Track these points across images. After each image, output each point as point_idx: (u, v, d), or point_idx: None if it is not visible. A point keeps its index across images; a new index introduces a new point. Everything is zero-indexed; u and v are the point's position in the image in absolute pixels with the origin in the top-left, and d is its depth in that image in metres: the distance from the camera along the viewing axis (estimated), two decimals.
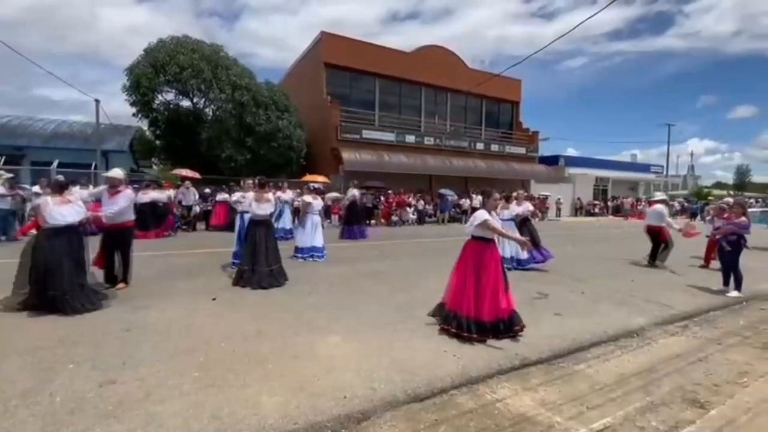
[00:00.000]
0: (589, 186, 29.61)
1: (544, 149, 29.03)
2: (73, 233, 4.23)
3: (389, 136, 21.28)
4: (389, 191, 17.58)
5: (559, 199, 24.93)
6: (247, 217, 6.05)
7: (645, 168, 35.21)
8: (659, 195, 8.77)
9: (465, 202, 19.36)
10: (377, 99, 22.50)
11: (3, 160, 12.46)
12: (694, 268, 7.66)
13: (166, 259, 7.31)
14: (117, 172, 5.19)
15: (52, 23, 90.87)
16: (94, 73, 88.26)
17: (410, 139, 21.96)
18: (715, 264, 6.81)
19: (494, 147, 25.20)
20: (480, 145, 24.64)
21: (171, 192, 11.54)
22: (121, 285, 5.03)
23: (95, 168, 15.72)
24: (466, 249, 3.70)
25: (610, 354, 3.45)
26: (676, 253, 7.78)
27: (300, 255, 7.43)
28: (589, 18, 8.65)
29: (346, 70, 21.06)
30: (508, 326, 3.53)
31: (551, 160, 28.46)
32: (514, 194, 7.71)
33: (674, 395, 2.74)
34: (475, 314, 3.49)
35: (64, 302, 3.94)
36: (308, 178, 16.30)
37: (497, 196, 3.96)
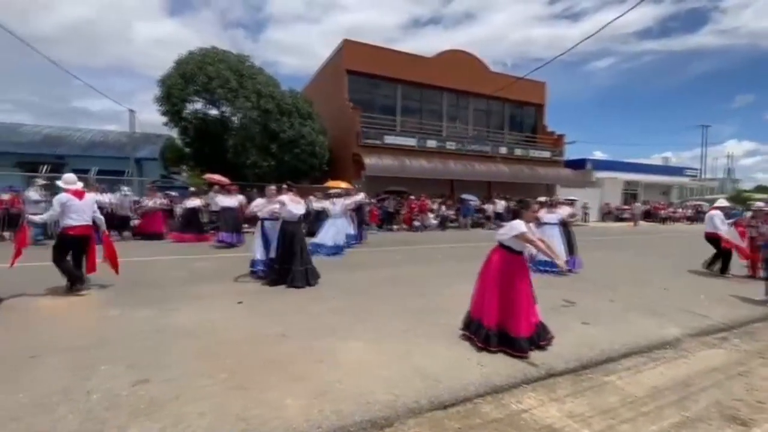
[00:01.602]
0: (617, 190, 28.66)
1: (570, 153, 28.33)
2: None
3: (411, 141, 21.30)
4: (411, 196, 17.56)
5: (586, 203, 24.22)
6: (268, 223, 6.09)
7: (678, 171, 33.78)
8: (720, 201, 8.34)
9: (488, 208, 19.11)
10: (399, 104, 22.59)
11: (47, 168, 13.22)
12: (740, 277, 7.23)
13: (194, 262, 7.55)
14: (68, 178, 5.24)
15: (89, 38, 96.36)
16: (126, 84, 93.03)
17: (432, 143, 21.90)
18: None
19: (518, 151, 24.78)
20: (503, 149, 24.29)
21: (242, 197, 11.13)
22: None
23: (129, 175, 16.46)
24: (493, 257, 3.58)
25: (642, 366, 3.31)
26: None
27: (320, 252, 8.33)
28: (617, 18, 8.42)
29: (367, 77, 21.27)
30: (536, 339, 3.44)
31: (578, 164, 27.72)
32: (553, 199, 7.83)
33: (712, 411, 2.60)
34: (499, 327, 3.38)
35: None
36: (330, 183, 16.50)
37: (535, 207, 3.82)
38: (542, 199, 9.93)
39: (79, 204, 5.01)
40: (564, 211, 7.46)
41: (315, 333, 3.76)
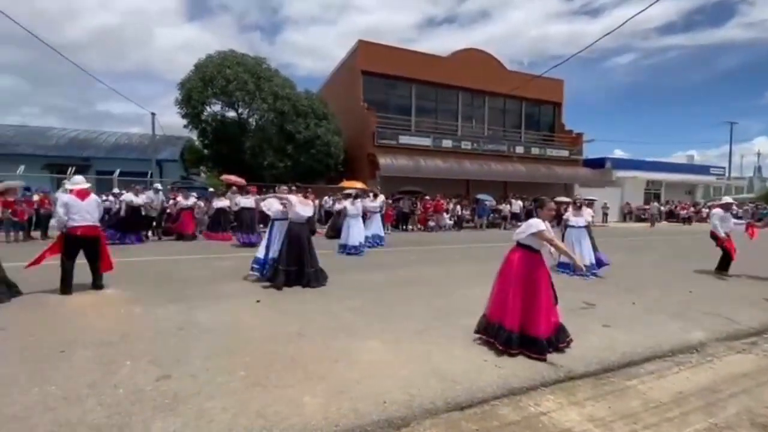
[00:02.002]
0: (639, 190, 27.93)
1: (589, 152, 27.77)
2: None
3: (426, 141, 21.25)
4: (426, 196, 17.52)
5: (605, 203, 23.67)
6: (278, 223, 5.97)
7: (704, 170, 32.64)
8: (725, 198, 8.16)
9: (504, 208, 18.89)
10: (413, 104, 22.57)
11: (74, 170, 13.70)
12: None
13: (215, 261, 7.72)
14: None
15: (113, 43, 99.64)
16: (148, 88, 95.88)
17: (447, 143, 21.81)
18: None
19: (535, 150, 24.44)
20: (520, 149, 24.00)
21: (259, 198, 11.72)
22: None
23: (151, 176, 16.92)
24: (512, 257, 3.50)
25: (666, 370, 3.22)
26: (755, 263, 7.09)
27: (345, 251, 8.98)
28: (639, 13, 8.22)
29: (382, 77, 21.33)
30: (555, 340, 3.38)
31: (597, 163, 27.14)
32: (579, 199, 7.75)
33: (741, 418, 2.51)
34: (521, 329, 3.30)
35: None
36: (346, 184, 16.61)
37: (552, 205, 3.72)
38: (565, 198, 9.77)
39: (80, 204, 5.04)
40: (588, 213, 7.38)
41: (332, 332, 3.80)
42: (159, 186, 12.01)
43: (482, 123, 24.60)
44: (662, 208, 26.35)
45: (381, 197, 11.63)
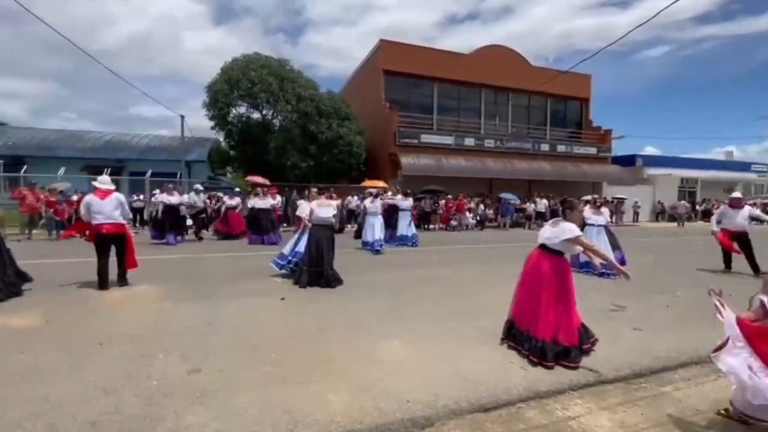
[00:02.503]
0: (672, 188, 26.73)
1: (619, 149, 26.78)
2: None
3: (448, 140, 21.07)
4: (448, 195, 17.36)
5: (636, 202, 22.81)
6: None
7: (744, 167, 30.82)
8: (734, 193, 7.96)
9: (529, 207, 18.50)
10: (435, 103, 22.42)
11: (109, 171, 14.35)
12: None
13: (241, 260, 7.92)
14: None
15: (144, 49, 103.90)
16: (176, 91, 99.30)
17: (469, 141, 21.54)
18: None
19: (561, 147, 23.79)
20: (545, 146, 23.42)
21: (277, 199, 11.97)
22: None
23: (180, 177, 17.52)
24: (541, 263, 3.26)
25: (704, 377, 3.06)
26: None
27: (369, 247, 9.30)
28: (673, 2, 7.84)
29: (404, 76, 21.28)
30: (580, 343, 3.24)
31: (627, 160, 26.14)
32: (598, 198, 7.60)
33: None
34: (553, 338, 3.10)
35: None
36: (367, 183, 16.68)
37: (582, 207, 3.51)
38: (587, 197, 9.51)
39: (101, 203, 5.28)
40: (607, 213, 7.25)
41: (353, 331, 3.83)
42: (200, 186, 12.34)
43: (506, 120, 24.15)
44: (698, 206, 25.13)
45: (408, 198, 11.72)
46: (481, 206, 17.74)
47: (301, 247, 5.96)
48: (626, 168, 25.17)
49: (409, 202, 11.14)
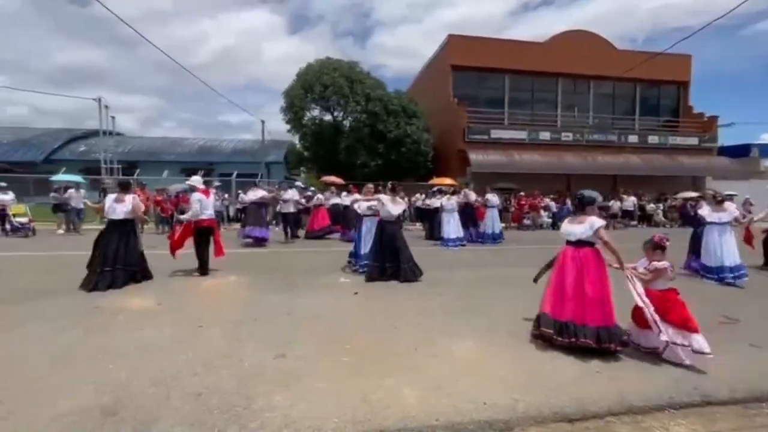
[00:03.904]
0: None
1: (727, 138, 23.30)
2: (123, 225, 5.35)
3: (521, 134, 20.06)
4: (521, 193, 16.53)
5: (747, 199, 19.58)
6: (366, 220, 6.43)
7: None
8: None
9: (614, 205, 16.86)
10: (507, 96, 21.46)
11: (202, 173, 16.06)
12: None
13: (318, 256, 8.37)
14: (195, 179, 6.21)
15: (230, 61, 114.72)
16: (257, 98, 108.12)
17: (545, 135, 20.28)
18: None
19: (653, 138, 21.34)
20: (633, 138, 21.20)
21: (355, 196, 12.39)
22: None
23: (260, 177, 18.98)
24: (589, 259, 3.36)
25: None
26: None
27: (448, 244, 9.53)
28: None
29: (473, 70, 20.68)
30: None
31: (738, 151, 22.55)
32: (719, 194, 6.73)
33: None
34: (604, 322, 3.21)
35: (114, 278, 5.09)
36: (435, 181, 16.53)
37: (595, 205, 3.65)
38: (692, 194, 8.44)
39: (207, 201, 6.04)
40: (733, 208, 6.20)
41: (425, 328, 3.83)
42: (301, 184, 13.14)
43: (586, 111, 22.28)
44: None
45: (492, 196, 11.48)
46: (553, 204, 16.41)
47: (369, 244, 6.15)
48: (737, 159, 21.74)
49: (496, 199, 11.05)
